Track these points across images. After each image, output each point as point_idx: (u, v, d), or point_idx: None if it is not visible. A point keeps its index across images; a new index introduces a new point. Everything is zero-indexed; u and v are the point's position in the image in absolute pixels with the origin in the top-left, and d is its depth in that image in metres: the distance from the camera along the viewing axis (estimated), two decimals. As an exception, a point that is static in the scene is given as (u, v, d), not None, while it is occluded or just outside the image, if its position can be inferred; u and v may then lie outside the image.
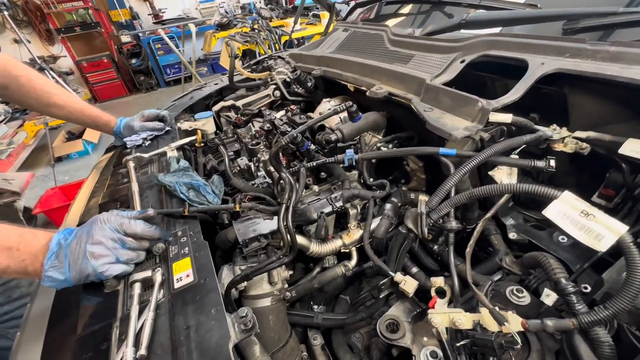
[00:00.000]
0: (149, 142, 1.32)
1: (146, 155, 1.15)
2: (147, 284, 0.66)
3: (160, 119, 1.38)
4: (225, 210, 0.85)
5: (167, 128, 1.38)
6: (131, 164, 1.10)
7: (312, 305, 1.01)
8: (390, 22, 1.79)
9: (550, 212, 0.58)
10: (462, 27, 1.06)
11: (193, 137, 1.33)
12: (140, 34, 7.29)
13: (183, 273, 0.67)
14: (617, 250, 0.53)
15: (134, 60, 7.46)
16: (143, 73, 7.76)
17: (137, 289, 0.64)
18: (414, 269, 0.92)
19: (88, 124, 1.30)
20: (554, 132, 0.80)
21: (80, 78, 7.42)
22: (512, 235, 0.93)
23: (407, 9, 1.81)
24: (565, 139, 0.79)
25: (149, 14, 7.85)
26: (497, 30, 1.05)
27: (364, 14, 1.99)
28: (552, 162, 0.73)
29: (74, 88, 6.44)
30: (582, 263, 0.74)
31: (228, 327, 0.55)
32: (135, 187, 0.98)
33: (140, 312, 0.59)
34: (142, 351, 0.51)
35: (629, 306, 0.50)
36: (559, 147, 0.80)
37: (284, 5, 7.23)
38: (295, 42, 4.91)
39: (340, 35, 1.64)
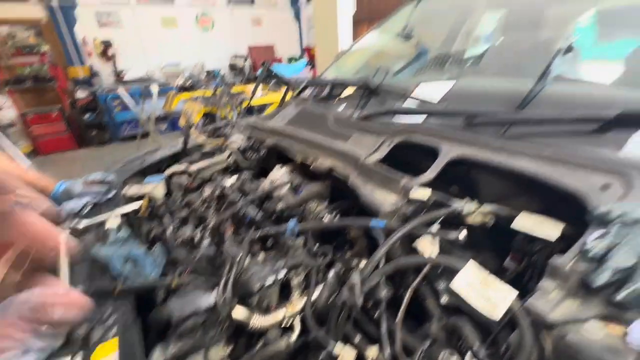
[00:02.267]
0: (89, 208, 1.27)
1: (81, 226, 1.10)
2: (61, 376, 0.60)
3: (106, 183, 1.36)
4: (161, 286, 0.83)
5: (111, 194, 1.34)
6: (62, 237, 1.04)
7: (254, 385, 0.95)
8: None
9: (456, 284, 0.67)
10: (390, 113, 1.26)
11: (139, 204, 1.31)
12: (99, 92, 7.25)
13: (106, 358, 0.62)
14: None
15: (87, 115, 7.26)
16: (96, 127, 7.52)
17: (47, 383, 0.58)
18: (357, 338, 0.93)
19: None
20: (465, 206, 0.94)
21: (23, 130, 6.97)
22: (444, 299, 1.01)
23: (352, 90, 2.09)
24: (473, 213, 0.93)
25: (110, 72, 7.93)
26: (420, 119, 1.26)
27: (318, 89, 2.25)
28: (462, 236, 0.84)
29: (14, 141, 5.99)
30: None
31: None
32: (63, 260, 0.92)
33: (47, 412, 0.53)
34: None
35: (525, 370, 0.57)
36: (469, 220, 0.93)
37: (246, 73, 7.79)
38: (257, 107, 5.22)
39: (293, 110, 1.82)
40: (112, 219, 1.13)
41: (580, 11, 1.43)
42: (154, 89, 5.58)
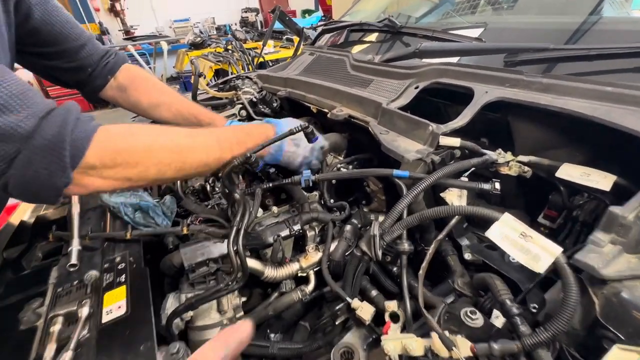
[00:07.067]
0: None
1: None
2: (72, 319, 0.59)
3: None
4: (171, 233, 0.80)
5: None
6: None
7: (269, 334, 0.95)
8: (357, 48, 1.86)
9: (492, 233, 0.59)
10: (417, 55, 1.11)
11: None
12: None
13: (115, 305, 0.60)
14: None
15: (100, 76, 7.21)
16: (110, 88, 7.48)
17: (57, 324, 0.57)
18: (374, 292, 0.90)
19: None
20: (499, 156, 0.84)
21: (39, 91, 7.02)
22: (467, 255, 0.95)
23: (372, 37, 1.90)
24: (510, 163, 0.83)
25: (119, 30, 7.71)
26: (448, 60, 1.12)
27: (334, 37, 2.06)
28: (497, 185, 0.75)
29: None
30: (532, 282, 0.76)
31: (157, 366, 0.49)
32: (75, 209, 0.90)
33: (58, 352, 0.52)
34: (50, 399, 0.45)
35: (566, 327, 0.51)
36: (504, 170, 0.83)
37: (259, 28, 7.39)
38: (270, 63, 4.98)
39: (307, 58, 1.67)
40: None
41: None
42: (164, 46, 5.39)
